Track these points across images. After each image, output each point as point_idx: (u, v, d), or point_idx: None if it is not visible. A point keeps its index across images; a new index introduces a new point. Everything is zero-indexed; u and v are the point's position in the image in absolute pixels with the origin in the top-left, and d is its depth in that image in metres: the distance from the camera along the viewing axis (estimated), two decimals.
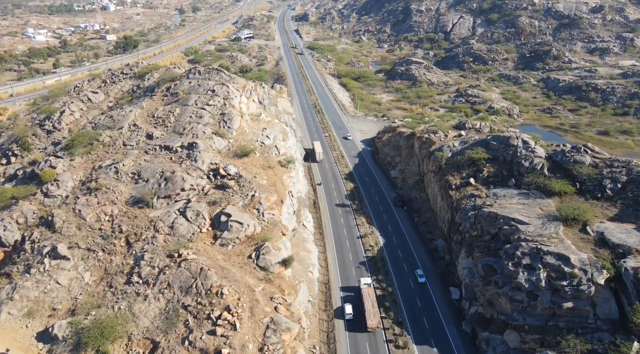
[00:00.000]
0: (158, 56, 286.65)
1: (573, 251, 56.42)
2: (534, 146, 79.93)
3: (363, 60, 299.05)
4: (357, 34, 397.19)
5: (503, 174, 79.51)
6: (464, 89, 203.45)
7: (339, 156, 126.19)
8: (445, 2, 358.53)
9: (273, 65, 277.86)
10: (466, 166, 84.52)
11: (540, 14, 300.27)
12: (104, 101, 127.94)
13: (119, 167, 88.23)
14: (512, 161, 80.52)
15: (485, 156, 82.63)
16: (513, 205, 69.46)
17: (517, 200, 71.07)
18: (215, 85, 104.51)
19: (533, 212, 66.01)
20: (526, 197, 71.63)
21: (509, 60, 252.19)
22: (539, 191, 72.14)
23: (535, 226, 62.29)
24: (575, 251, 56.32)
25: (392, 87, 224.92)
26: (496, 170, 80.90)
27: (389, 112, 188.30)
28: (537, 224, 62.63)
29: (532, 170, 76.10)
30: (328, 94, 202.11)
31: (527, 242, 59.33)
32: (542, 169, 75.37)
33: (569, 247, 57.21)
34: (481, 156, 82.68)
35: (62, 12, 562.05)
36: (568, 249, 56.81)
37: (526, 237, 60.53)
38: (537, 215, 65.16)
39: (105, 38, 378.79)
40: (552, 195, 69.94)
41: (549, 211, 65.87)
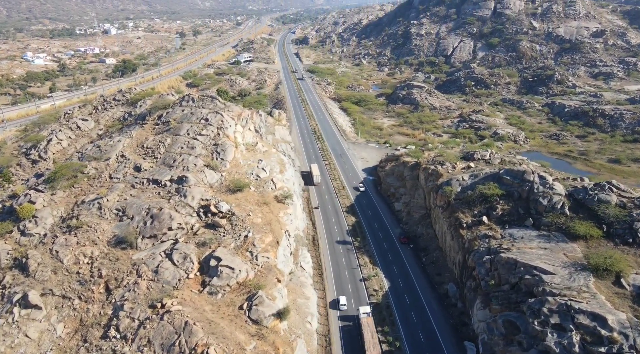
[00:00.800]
0: (156, 80, 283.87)
1: (609, 309, 49.33)
2: (551, 181, 73.47)
3: (363, 84, 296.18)
4: (357, 57, 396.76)
5: (519, 212, 72.86)
6: (467, 113, 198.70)
7: (339, 186, 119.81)
8: (446, 26, 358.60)
9: (272, 89, 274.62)
10: (478, 202, 77.98)
11: (541, 38, 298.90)
12: (94, 129, 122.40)
13: (103, 202, 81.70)
14: (528, 198, 74.00)
15: (498, 192, 76.17)
16: (533, 250, 62.56)
17: (537, 243, 64.19)
18: (208, 114, 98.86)
19: (557, 260, 59.08)
20: (547, 240, 64.78)
21: (512, 84, 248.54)
22: (561, 233, 65.34)
23: (562, 277, 55.29)
24: (611, 310, 49.22)
25: (394, 112, 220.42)
26: (511, 208, 74.26)
27: (390, 137, 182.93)
28: (564, 275, 55.63)
29: (552, 209, 69.48)
30: (328, 118, 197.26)
31: (554, 296, 52.24)
32: (562, 208, 68.74)
33: (604, 305, 50.12)
34: (494, 192, 76.21)
35: (64, 36, 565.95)
36: (603, 307, 49.72)
37: (552, 290, 53.46)
38: (563, 263, 58.21)
39: (104, 61, 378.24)
40: (577, 238, 63.12)
41: (575, 258, 58.98)
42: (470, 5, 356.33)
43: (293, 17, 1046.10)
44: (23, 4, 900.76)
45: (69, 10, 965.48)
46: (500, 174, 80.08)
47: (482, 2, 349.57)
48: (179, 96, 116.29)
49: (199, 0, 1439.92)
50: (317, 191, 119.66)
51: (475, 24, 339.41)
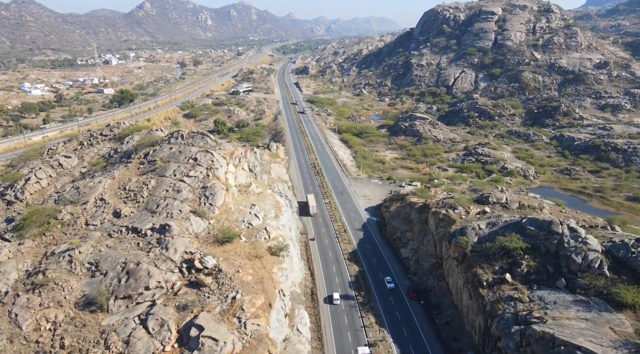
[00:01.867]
0: (153, 111, 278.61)
1: None
2: (584, 235, 64.35)
3: (364, 114, 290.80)
4: (357, 87, 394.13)
5: (548, 270, 63.40)
6: (473, 146, 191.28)
7: (340, 229, 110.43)
8: (446, 57, 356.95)
9: (271, 120, 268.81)
10: (499, 256, 68.58)
11: (544, 69, 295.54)
12: (77, 167, 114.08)
13: (75, 255, 72.47)
14: (557, 253, 64.70)
15: (522, 245, 66.88)
16: (572, 321, 52.81)
17: (575, 313, 54.47)
18: (198, 153, 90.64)
19: (604, 336, 49.34)
20: (586, 308, 55.12)
21: (516, 115, 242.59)
22: (603, 299, 55.79)
23: None
24: None
25: (396, 144, 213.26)
26: (538, 264, 64.83)
27: (394, 172, 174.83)
28: None
29: (588, 268, 60.05)
30: (328, 152, 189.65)
31: None
32: (601, 268, 59.34)
33: None
34: (517, 245, 66.93)
35: (65, 66, 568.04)
36: None
37: None
38: (611, 341, 48.45)
39: (102, 92, 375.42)
40: (623, 307, 53.57)
41: (626, 335, 49.27)
42: (471, 36, 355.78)
43: (293, 47, 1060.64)
44: (27, 36, 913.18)
45: (73, 41, 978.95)
46: (522, 223, 70.98)
47: (483, 34, 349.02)
48: (169, 131, 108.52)
49: (201, 31, 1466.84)
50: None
51: (476, 54, 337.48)
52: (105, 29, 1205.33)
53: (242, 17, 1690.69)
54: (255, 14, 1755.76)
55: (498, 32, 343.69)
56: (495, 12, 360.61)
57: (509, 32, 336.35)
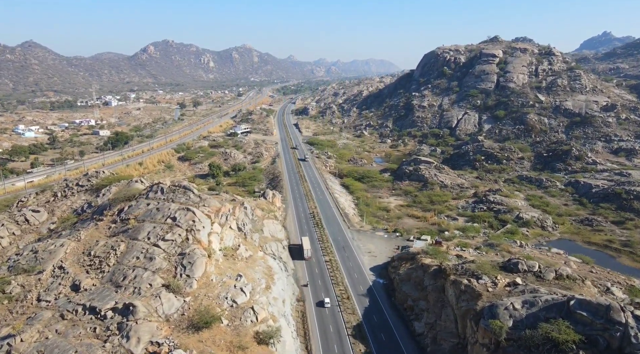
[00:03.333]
0: (146, 153, 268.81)
1: None
2: None
3: (366, 157, 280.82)
4: (358, 129, 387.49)
5: None
6: (483, 193, 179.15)
7: (343, 294, 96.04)
8: (448, 99, 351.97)
9: (269, 163, 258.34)
10: (544, 350, 54.55)
11: (549, 111, 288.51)
12: (45, 222, 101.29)
13: (15, 344, 58.38)
14: (622, 349, 50.84)
15: (574, 338, 53.06)
16: None
17: None
18: (178, 211, 78.17)
19: None
20: None
21: (525, 159, 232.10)
22: None
23: None
24: None
25: (401, 189, 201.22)
26: None
27: (399, 221, 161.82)
28: None
29: None
30: (328, 198, 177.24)
31: None
32: None
33: None
34: (568, 337, 53.11)
35: (64, 108, 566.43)
36: None
37: None
38: None
39: (98, 133, 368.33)
40: None
41: None
42: (472, 78, 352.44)
43: (294, 88, 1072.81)
44: (30, 78, 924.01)
45: (75, 83, 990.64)
46: (571, 306, 57.31)
47: (485, 76, 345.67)
48: (150, 183, 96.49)
49: (202, 73, 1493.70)
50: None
51: (478, 96, 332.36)
52: (108, 71, 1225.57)
53: (243, 60, 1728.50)
54: (256, 56, 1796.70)
55: (500, 74, 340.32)
56: (496, 54, 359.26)
57: (512, 74, 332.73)
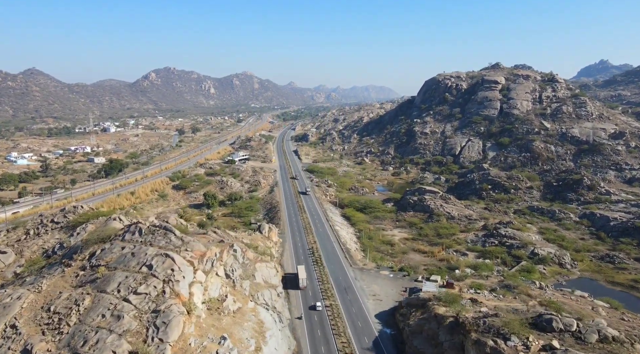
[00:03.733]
0: (140, 182, 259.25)
1: None
2: None
3: (367, 186, 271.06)
4: (359, 155, 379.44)
5: None
6: (493, 226, 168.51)
7: (345, 347, 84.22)
8: (451, 125, 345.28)
9: (267, 192, 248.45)
10: None
11: (555, 138, 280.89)
12: (12, 265, 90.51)
13: None
14: None
15: None
16: None
17: None
18: (155, 257, 67.61)
19: None
20: None
21: (534, 189, 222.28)
22: None
23: None
24: None
25: (405, 221, 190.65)
26: None
27: (404, 256, 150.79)
28: None
29: None
30: (328, 231, 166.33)
31: None
32: None
33: None
34: None
35: (62, 134, 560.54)
36: None
37: None
38: None
39: (93, 161, 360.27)
40: None
41: None
42: (475, 105, 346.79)
43: (294, 114, 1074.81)
44: (30, 104, 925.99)
45: (76, 109, 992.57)
46: None
47: (487, 102, 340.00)
48: (129, 222, 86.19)
49: (203, 99, 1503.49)
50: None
51: (482, 123, 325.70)
52: (109, 98, 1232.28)
53: (244, 86, 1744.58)
54: (257, 82, 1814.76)
55: (503, 100, 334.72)
56: (498, 81, 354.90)
57: (515, 101, 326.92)
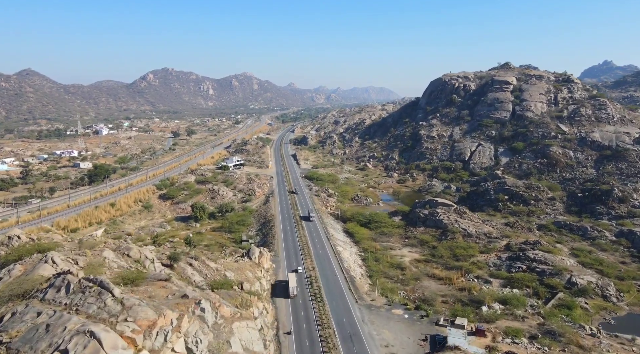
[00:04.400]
0: (123, 191, 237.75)
1: None
2: None
3: (371, 195, 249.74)
4: (361, 160, 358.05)
5: None
6: (518, 246, 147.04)
7: None
8: (459, 128, 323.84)
9: (261, 202, 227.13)
10: None
11: (574, 143, 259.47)
12: None
13: None
14: None
15: None
16: None
17: None
18: (75, 337, 46.11)
19: None
20: None
21: (557, 200, 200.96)
22: None
23: None
24: None
25: (415, 238, 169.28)
26: None
27: (417, 284, 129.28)
28: None
29: None
30: (329, 252, 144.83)
31: None
32: None
33: None
34: None
35: (52, 137, 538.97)
36: None
37: None
38: None
39: (78, 166, 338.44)
40: None
41: None
42: (485, 107, 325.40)
43: (293, 115, 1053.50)
44: (24, 106, 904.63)
45: (71, 110, 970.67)
46: None
47: (498, 104, 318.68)
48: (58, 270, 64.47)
49: (202, 100, 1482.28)
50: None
51: (493, 126, 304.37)
52: (106, 99, 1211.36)
53: (243, 87, 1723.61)
54: (256, 83, 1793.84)
55: (515, 102, 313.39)
56: (509, 81, 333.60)
57: (528, 103, 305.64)
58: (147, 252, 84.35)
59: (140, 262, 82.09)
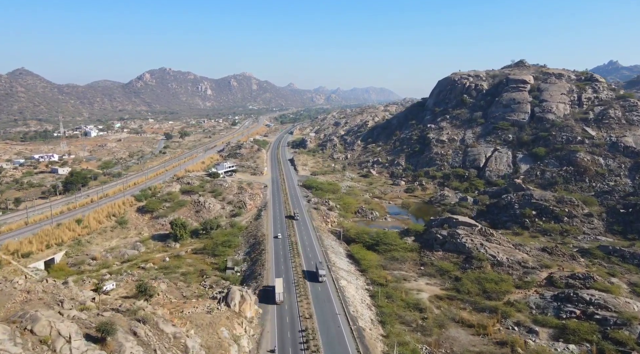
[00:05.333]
0: (96, 203, 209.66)
1: None
2: None
3: (377, 207, 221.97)
4: (364, 166, 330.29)
5: None
6: (563, 280, 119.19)
7: None
8: (472, 132, 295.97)
9: (252, 217, 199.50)
10: None
11: (604, 149, 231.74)
12: None
13: None
14: None
15: None
16: None
17: None
18: None
19: None
20: None
21: (594, 216, 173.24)
22: None
23: None
24: None
25: (433, 265, 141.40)
26: None
27: (442, 334, 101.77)
28: None
29: None
30: (331, 290, 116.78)
31: None
32: None
33: None
34: None
35: (37, 139, 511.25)
36: None
37: None
38: None
39: (56, 171, 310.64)
40: None
41: None
42: (500, 108, 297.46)
43: (292, 116, 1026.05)
44: (15, 106, 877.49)
45: (64, 111, 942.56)
46: None
47: (515, 105, 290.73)
48: None
49: (200, 101, 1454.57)
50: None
51: (510, 129, 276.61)
52: (101, 99, 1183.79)
53: (242, 87, 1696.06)
54: (255, 83, 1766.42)
55: (534, 103, 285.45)
56: (526, 80, 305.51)
57: (549, 104, 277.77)
58: (62, 327, 56.54)
59: (49, 345, 54.48)
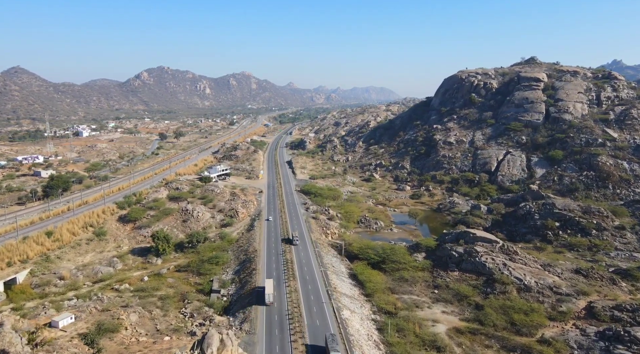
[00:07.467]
0: (73, 212, 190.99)
1: None
2: None
3: (381, 216, 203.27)
4: (366, 169, 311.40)
5: None
6: (608, 312, 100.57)
7: None
8: (482, 133, 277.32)
9: (244, 228, 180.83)
10: None
11: (628, 152, 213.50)
12: None
13: None
14: None
15: None
16: None
17: None
18: None
19: None
20: None
21: (627, 230, 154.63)
22: None
23: None
24: None
25: (448, 289, 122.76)
26: None
27: None
28: None
29: None
30: (331, 322, 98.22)
31: None
32: None
33: None
34: None
35: (26, 139, 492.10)
36: None
37: None
38: None
39: (39, 174, 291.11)
40: None
41: None
42: (512, 107, 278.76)
43: (292, 116, 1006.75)
44: (9, 105, 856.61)
45: (59, 110, 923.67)
46: None
47: (528, 105, 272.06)
48: None
49: (198, 100, 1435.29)
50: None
51: (523, 131, 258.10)
52: (97, 98, 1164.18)
53: (241, 86, 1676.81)
54: (255, 83, 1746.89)
55: (549, 102, 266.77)
56: (540, 78, 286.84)
57: (565, 103, 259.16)
58: None
59: None
